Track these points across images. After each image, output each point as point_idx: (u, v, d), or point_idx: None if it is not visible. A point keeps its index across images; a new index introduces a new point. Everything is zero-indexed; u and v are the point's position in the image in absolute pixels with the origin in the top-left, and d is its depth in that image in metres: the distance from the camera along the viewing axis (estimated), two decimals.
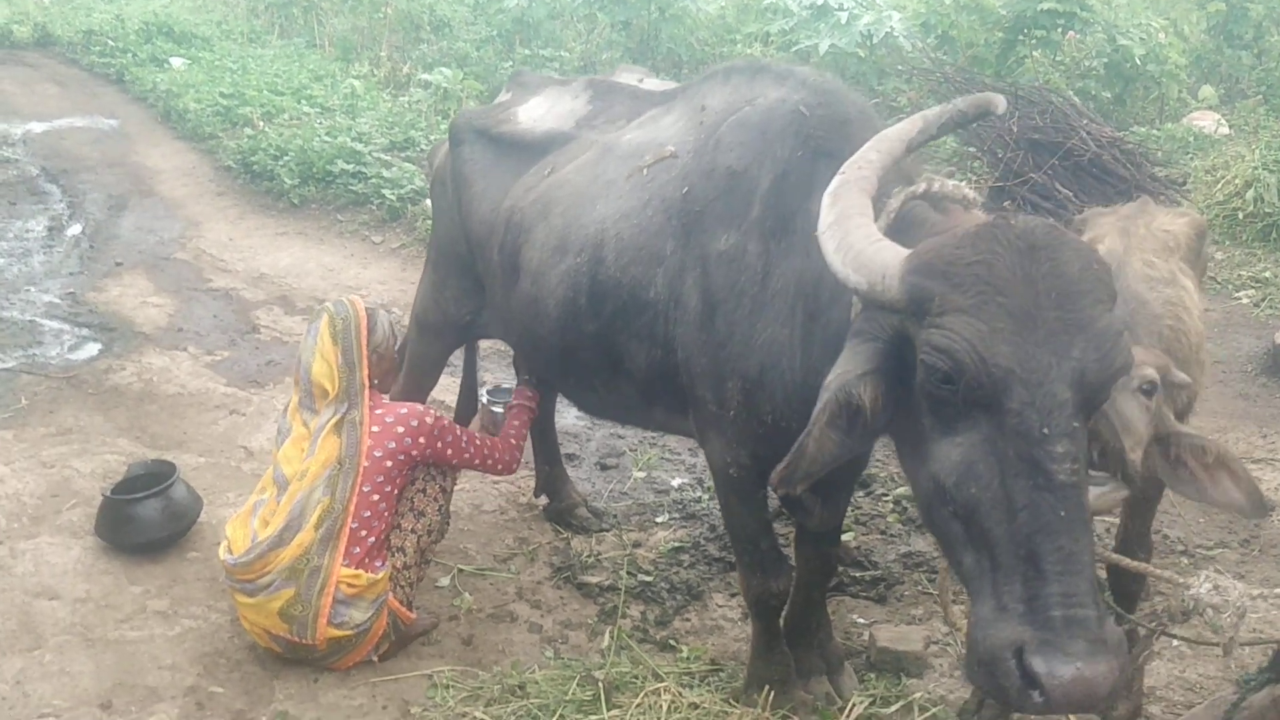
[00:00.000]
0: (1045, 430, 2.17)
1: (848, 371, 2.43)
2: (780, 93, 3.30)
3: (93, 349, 6.92)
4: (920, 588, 4.52)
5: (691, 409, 3.47)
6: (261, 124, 11.67)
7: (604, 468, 5.66)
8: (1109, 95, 11.73)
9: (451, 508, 4.29)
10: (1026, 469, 2.17)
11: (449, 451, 4.00)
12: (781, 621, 3.73)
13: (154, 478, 4.75)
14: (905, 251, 2.40)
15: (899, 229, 2.71)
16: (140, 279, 8.32)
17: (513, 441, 4.31)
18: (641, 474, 5.59)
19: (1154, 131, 11.04)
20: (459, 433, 4.05)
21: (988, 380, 2.20)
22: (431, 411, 3.96)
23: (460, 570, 4.63)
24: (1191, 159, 10.36)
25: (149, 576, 4.47)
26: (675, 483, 5.50)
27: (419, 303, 4.75)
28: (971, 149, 9.73)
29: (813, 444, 2.41)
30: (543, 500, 5.17)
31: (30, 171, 11.33)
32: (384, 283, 8.35)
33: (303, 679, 3.91)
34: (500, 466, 4.23)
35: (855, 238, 2.48)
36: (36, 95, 14.61)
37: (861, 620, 4.31)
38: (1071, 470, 2.17)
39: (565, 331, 3.70)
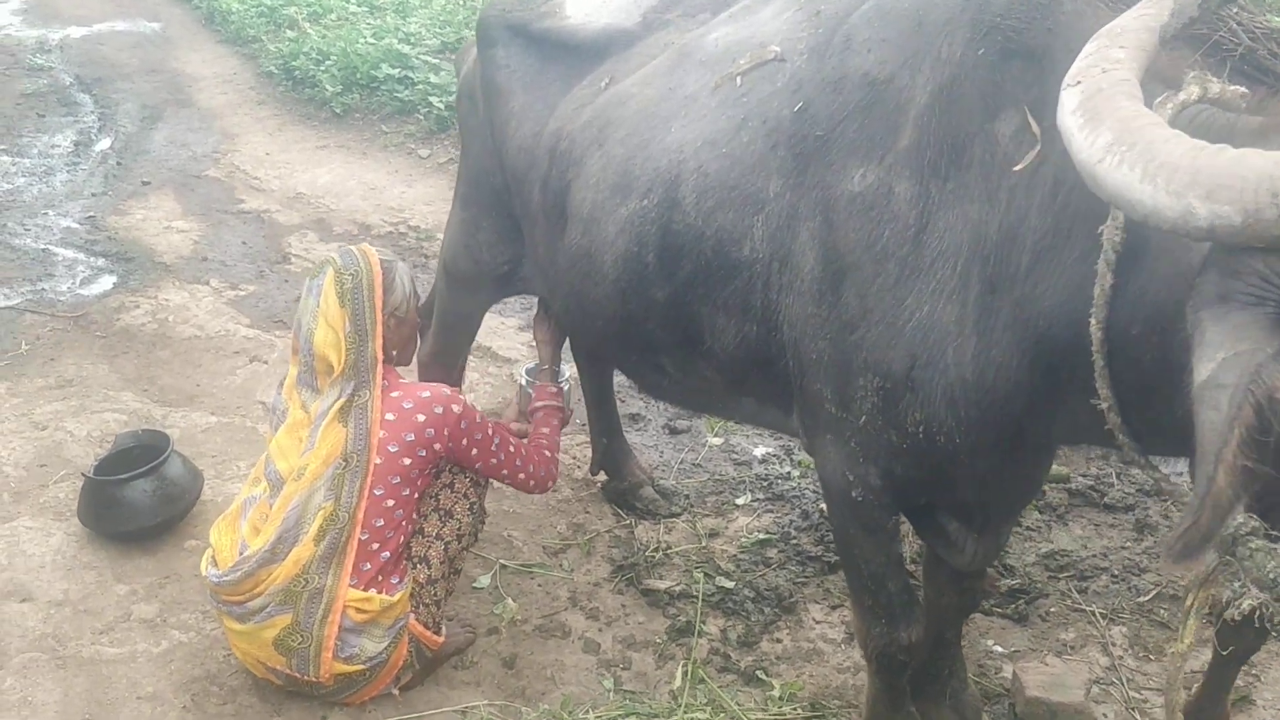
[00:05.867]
0: None
1: (1256, 351, 1.47)
2: None
3: (107, 283, 6.21)
4: (1069, 602, 3.63)
5: (798, 406, 2.61)
6: (306, 25, 10.80)
7: (673, 432, 4.82)
8: None
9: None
10: None
11: (474, 452, 3.19)
12: None
13: (145, 451, 4.03)
14: None
15: None
16: (167, 200, 7.60)
17: (547, 454, 3.45)
18: (718, 440, 4.74)
19: None
20: (490, 431, 3.22)
21: None
22: (460, 398, 3.14)
23: (503, 567, 3.87)
24: None
25: (138, 572, 3.77)
26: (758, 453, 4.65)
27: (447, 247, 3.88)
28: None
29: (1225, 482, 1.46)
30: (601, 477, 4.36)
31: (63, 80, 10.64)
32: (429, 203, 7.51)
33: (309, 715, 3.20)
34: (533, 483, 3.39)
35: (1175, 151, 1.54)
36: None
37: (999, 649, 3.46)
38: None
39: (626, 297, 2.84)
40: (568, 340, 3.91)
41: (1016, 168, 2.07)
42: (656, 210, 2.70)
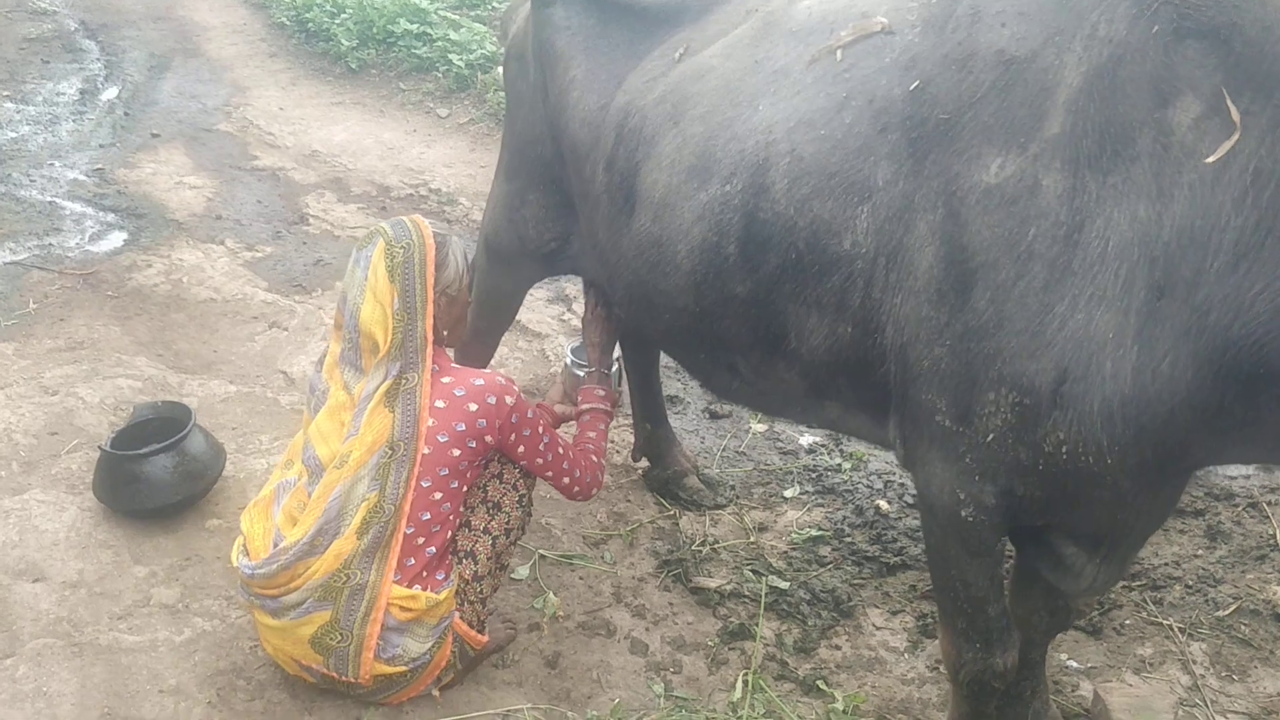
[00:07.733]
0: None
1: None
2: None
3: (117, 239, 5.97)
4: (1145, 614, 3.45)
5: (898, 416, 2.40)
6: None
7: (714, 416, 4.62)
8: None
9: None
10: None
11: (520, 449, 2.98)
12: None
13: (164, 424, 3.81)
14: None
15: None
16: (178, 154, 7.33)
17: (594, 459, 3.25)
18: (761, 426, 4.54)
19: None
20: (540, 429, 3.01)
21: None
22: (514, 390, 2.92)
23: (542, 557, 3.67)
24: None
25: (157, 553, 3.57)
26: (804, 441, 4.45)
27: (489, 220, 3.64)
28: None
29: None
30: (643, 463, 4.16)
31: (68, 25, 10.30)
32: (450, 165, 7.26)
33: (342, 715, 3.01)
34: (577, 489, 3.18)
35: None
36: None
37: (1074, 664, 3.27)
38: None
39: (701, 291, 2.62)
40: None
41: (1210, 159, 1.86)
42: (740, 196, 2.47)
